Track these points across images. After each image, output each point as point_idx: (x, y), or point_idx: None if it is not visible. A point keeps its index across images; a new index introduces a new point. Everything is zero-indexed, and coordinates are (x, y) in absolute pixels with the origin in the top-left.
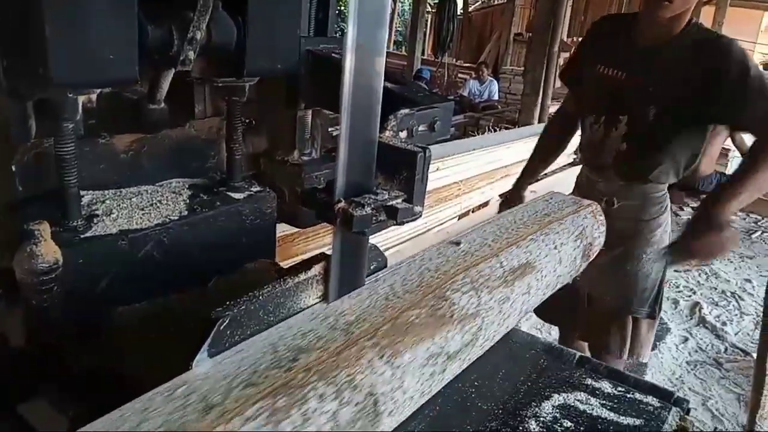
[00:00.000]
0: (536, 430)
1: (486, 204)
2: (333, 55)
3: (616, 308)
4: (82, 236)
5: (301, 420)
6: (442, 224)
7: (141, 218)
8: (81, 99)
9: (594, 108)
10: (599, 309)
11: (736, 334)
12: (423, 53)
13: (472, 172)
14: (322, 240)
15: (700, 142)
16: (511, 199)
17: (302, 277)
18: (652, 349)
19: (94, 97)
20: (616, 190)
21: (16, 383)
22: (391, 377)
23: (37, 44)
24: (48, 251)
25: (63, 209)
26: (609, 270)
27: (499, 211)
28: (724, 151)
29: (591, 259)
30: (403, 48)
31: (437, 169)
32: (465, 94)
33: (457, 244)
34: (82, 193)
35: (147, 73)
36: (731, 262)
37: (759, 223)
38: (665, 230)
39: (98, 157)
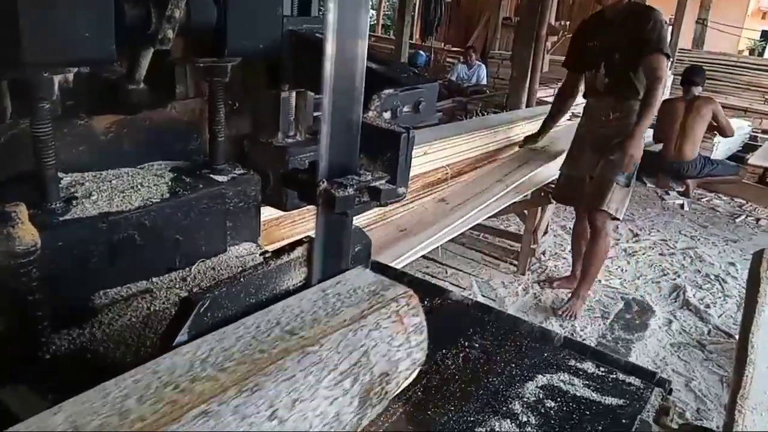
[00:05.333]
0: (520, 410)
1: None
2: (316, 35)
3: (610, 179)
4: (60, 219)
5: None
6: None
7: (121, 201)
8: (57, 78)
9: (589, 64)
10: (597, 183)
11: (719, 317)
12: (411, 37)
13: (460, 156)
14: (308, 224)
15: (641, 72)
16: (529, 138)
17: (284, 259)
18: (638, 331)
19: (71, 76)
20: (612, 106)
21: None
22: None
23: (9, 21)
24: (26, 234)
25: (41, 191)
26: (607, 156)
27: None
28: (707, 136)
29: (390, 397)
30: (391, 32)
31: (424, 154)
32: (453, 78)
33: None
34: (60, 175)
35: (125, 53)
36: (715, 245)
37: (743, 208)
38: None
39: (77, 138)
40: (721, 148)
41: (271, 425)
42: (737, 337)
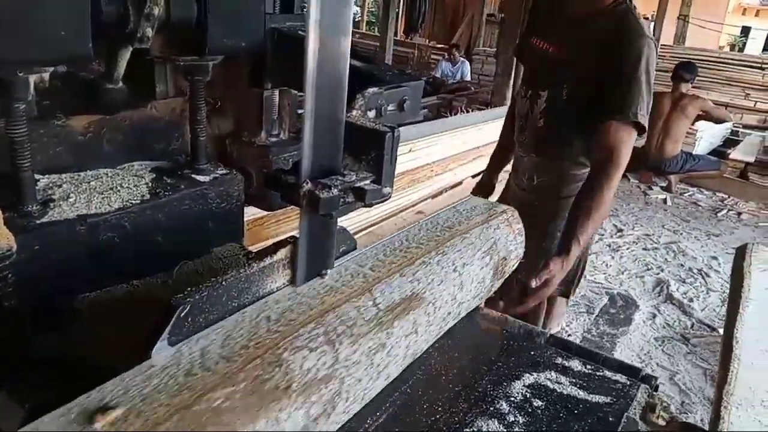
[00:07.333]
0: (507, 409)
1: (459, 184)
2: (299, 32)
3: (551, 294)
4: (37, 221)
5: None
6: (415, 205)
7: (100, 203)
8: (32, 78)
9: (525, 80)
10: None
11: (702, 310)
12: (396, 34)
13: (445, 153)
14: (293, 223)
15: (591, 137)
16: (481, 188)
17: (267, 261)
18: (623, 325)
19: (46, 76)
20: (536, 165)
21: None
22: None
23: None
24: (0, 238)
25: (17, 193)
26: (527, 247)
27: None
28: (690, 131)
29: (506, 276)
30: (376, 29)
31: (410, 151)
32: (437, 75)
33: (322, 276)
34: (37, 177)
35: (103, 51)
36: (698, 240)
37: (725, 202)
38: None
39: (54, 139)
40: (703, 143)
41: (455, 275)
42: (722, 331)
